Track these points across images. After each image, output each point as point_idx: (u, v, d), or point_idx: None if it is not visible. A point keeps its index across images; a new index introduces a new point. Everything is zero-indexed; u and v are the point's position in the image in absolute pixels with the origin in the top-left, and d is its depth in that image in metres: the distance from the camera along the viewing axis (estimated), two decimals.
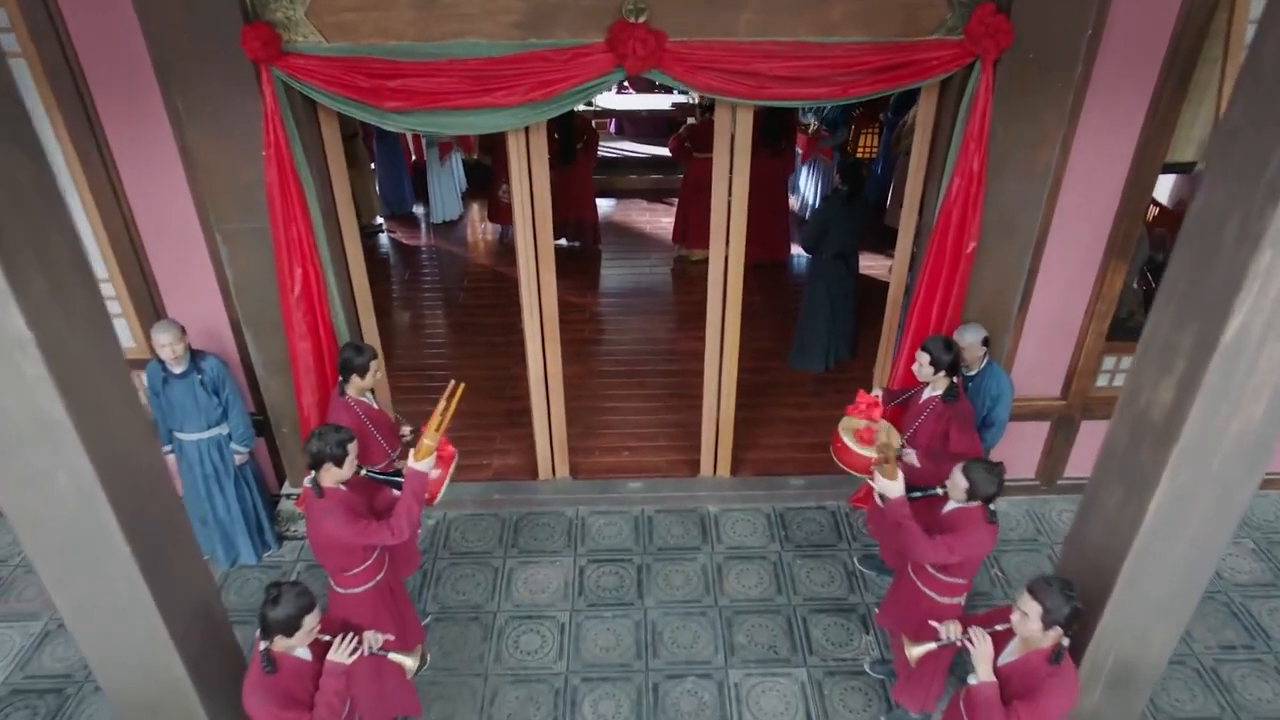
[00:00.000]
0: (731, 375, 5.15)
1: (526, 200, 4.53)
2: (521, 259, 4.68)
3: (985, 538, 3.46)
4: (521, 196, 4.52)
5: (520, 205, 4.54)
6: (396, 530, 3.41)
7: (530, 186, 4.49)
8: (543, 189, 4.51)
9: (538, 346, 4.99)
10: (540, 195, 4.53)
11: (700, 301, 7.58)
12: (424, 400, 6.46)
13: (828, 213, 6.09)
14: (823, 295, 6.38)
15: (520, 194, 4.51)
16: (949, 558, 3.45)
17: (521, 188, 4.49)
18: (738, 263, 4.80)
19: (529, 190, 4.50)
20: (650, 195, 9.55)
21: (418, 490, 3.46)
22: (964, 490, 3.42)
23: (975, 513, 3.47)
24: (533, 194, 4.52)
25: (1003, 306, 4.60)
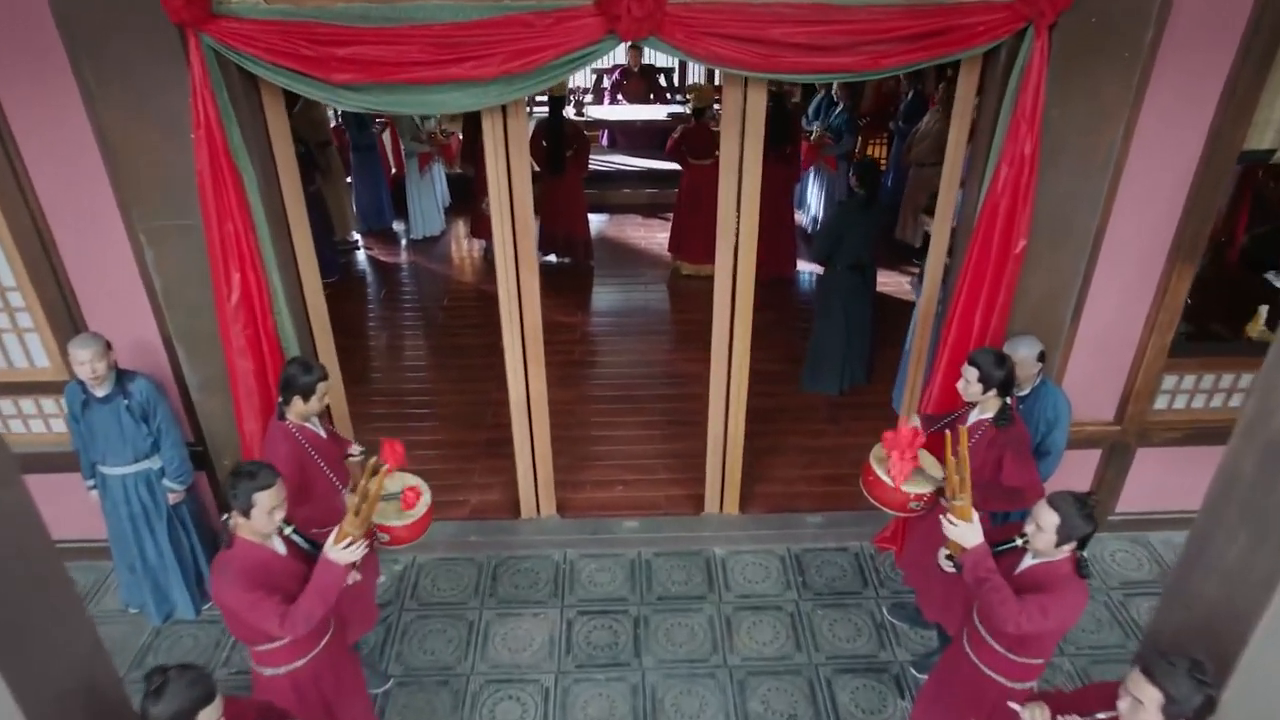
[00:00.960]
0: (740, 400, 4.53)
1: (505, 195, 3.93)
2: (500, 262, 4.08)
3: (1079, 600, 2.76)
4: (499, 192, 3.93)
5: (497, 201, 3.95)
6: (290, 625, 2.71)
7: (509, 180, 3.90)
8: (523, 181, 3.91)
9: (518, 365, 4.37)
10: (520, 189, 3.93)
11: (700, 320, 7.01)
12: (398, 429, 5.83)
13: (842, 219, 5.51)
14: (837, 311, 5.78)
15: (497, 189, 3.92)
16: (1043, 624, 2.72)
17: (499, 181, 3.90)
18: (748, 272, 4.20)
19: (507, 184, 3.90)
20: (645, 210, 9.00)
21: (325, 587, 2.74)
22: (1054, 531, 2.71)
23: (1064, 567, 2.78)
24: (511, 189, 3.92)
25: (1054, 317, 4.00)
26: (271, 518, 2.73)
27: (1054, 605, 2.73)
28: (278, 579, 2.79)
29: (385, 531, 3.41)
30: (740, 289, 4.24)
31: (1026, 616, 2.72)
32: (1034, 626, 2.72)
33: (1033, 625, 2.72)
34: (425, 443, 5.60)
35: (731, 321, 4.33)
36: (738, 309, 4.28)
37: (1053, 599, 2.73)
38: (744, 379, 4.46)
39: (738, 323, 4.31)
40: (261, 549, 2.79)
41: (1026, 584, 2.82)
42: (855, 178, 5.47)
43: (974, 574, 2.81)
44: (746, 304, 4.27)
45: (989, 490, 3.38)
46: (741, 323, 4.32)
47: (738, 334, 4.34)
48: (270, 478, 2.72)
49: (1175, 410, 4.48)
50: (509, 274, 4.09)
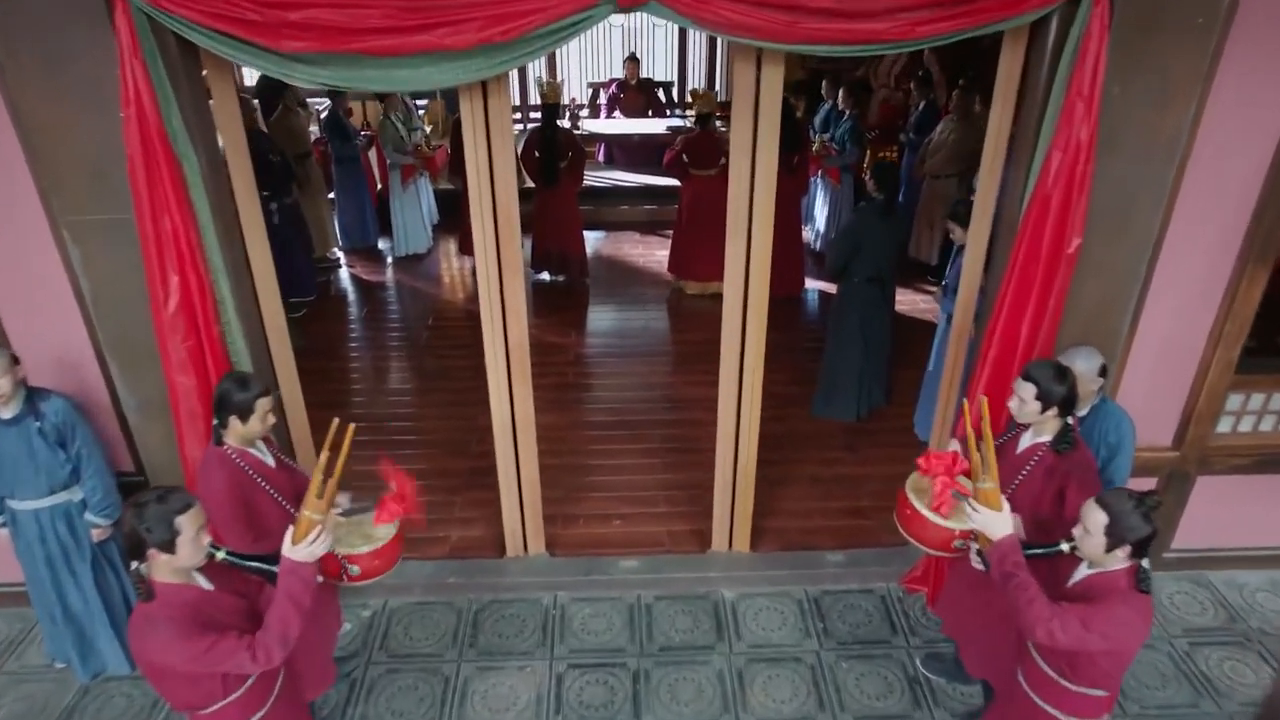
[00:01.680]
0: (752, 427, 4.05)
1: (485, 189, 3.47)
2: (481, 267, 3.60)
3: (1133, 617, 2.35)
4: (479, 185, 3.46)
5: (477, 196, 3.48)
6: (263, 652, 2.27)
7: (490, 171, 3.43)
8: (506, 173, 3.45)
9: (502, 385, 3.88)
10: (503, 182, 3.47)
11: (702, 341, 6.55)
12: (374, 457, 5.32)
13: (859, 227, 5.05)
14: (853, 329, 5.31)
15: (477, 181, 3.45)
16: (1084, 638, 2.33)
17: (479, 173, 3.43)
18: (761, 282, 3.74)
19: (488, 176, 3.44)
20: (644, 227, 8.57)
21: (295, 590, 2.32)
22: (1102, 532, 2.36)
23: (1119, 578, 2.40)
24: (494, 181, 3.46)
25: (1109, 326, 3.53)
26: (199, 544, 2.26)
27: (1099, 619, 2.32)
28: (217, 617, 2.32)
29: (353, 563, 2.91)
30: (753, 302, 3.77)
31: (1061, 624, 2.34)
32: (1073, 640, 2.32)
33: (1071, 638, 2.33)
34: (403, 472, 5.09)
35: (743, 340, 3.85)
36: (750, 326, 3.80)
37: (1098, 611, 2.33)
38: (756, 403, 3.97)
39: (750, 341, 3.84)
40: (187, 588, 2.31)
41: (1077, 596, 2.45)
42: (872, 181, 5.02)
43: (1000, 568, 2.48)
44: (760, 319, 3.79)
45: (1050, 529, 2.88)
46: (754, 341, 3.84)
47: (749, 353, 3.87)
48: (186, 496, 2.26)
49: (1241, 434, 3.99)
50: (490, 281, 3.61)
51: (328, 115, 7.46)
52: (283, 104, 6.92)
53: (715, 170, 6.76)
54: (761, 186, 3.54)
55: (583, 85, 9.86)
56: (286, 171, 6.55)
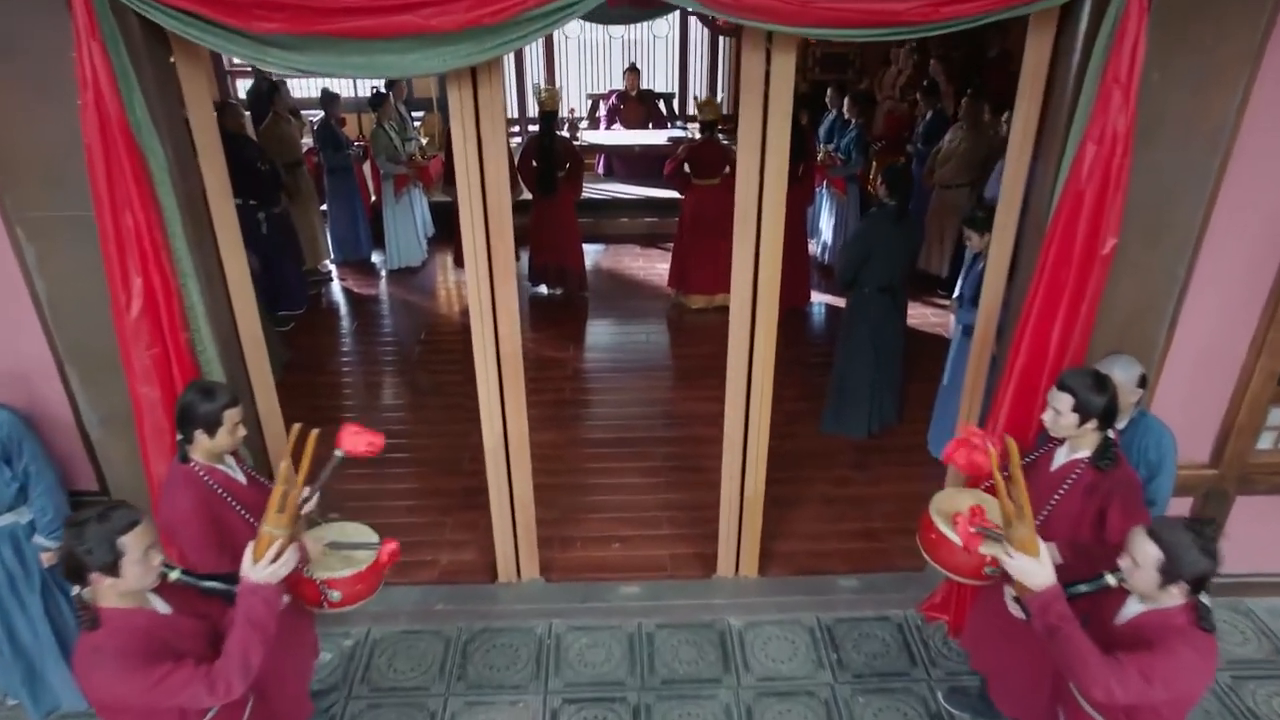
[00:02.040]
0: (761, 445, 3.81)
1: (475, 184, 3.23)
2: (470, 270, 3.36)
3: (1200, 662, 2.10)
4: (468, 180, 3.23)
5: (466, 189, 3.24)
6: (222, 683, 2.04)
7: (480, 165, 3.20)
8: (499, 168, 3.21)
9: (493, 399, 3.63)
10: (495, 178, 3.23)
11: (705, 355, 6.32)
12: (361, 475, 5.06)
13: (870, 234, 4.82)
14: (864, 341, 5.06)
15: (466, 175, 3.21)
16: (1147, 692, 2.08)
17: (468, 167, 3.20)
18: (770, 289, 3.50)
19: (478, 170, 3.21)
20: (644, 240, 8.36)
21: (257, 614, 2.10)
22: (1155, 568, 2.11)
23: (1176, 616, 2.15)
24: (484, 177, 3.23)
25: (1144, 334, 3.29)
26: (149, 564, 2.04)
27: (1161, 667, 2.07)
28: (174, 643, 2.09)
29: (334, 588, 2.67)
30: (762, 311, 3.53)
31: (1119, 680, 2.09)
32: (1134, 695, 2.07)
33: (1131, 693, 2.07)
34: (391, 492, 4.85)
35: (750, 352, 3.61)
36: (758, 336, 3.57)
37: (1157, 659, 2.08)
38: (765, 420, 3.73)
39: (758, 353, 3.60)
40: (137, 613, 2.08)
41: (1128, 637, 2.17)
42: (884, 186, 4.80)
43: (1043, 620, 2.22)
44: (769, 329, 3.55)
45: (1091, 555, 2.62)
46: (763, 353, 3.61)
47: (758, 366, 3.63)
48: (131, 513, 2.03)
49: None
50: (480, 285, 3.37)
51: (320, 124, 7.27)
52: (273, 111, 6.72)
53: (718, 180, 6.55)
54: (772, 185, 3.31)
55: (582, 97, 9.69)
56: (275, 180, 6.35)
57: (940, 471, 4.91)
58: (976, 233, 4.54)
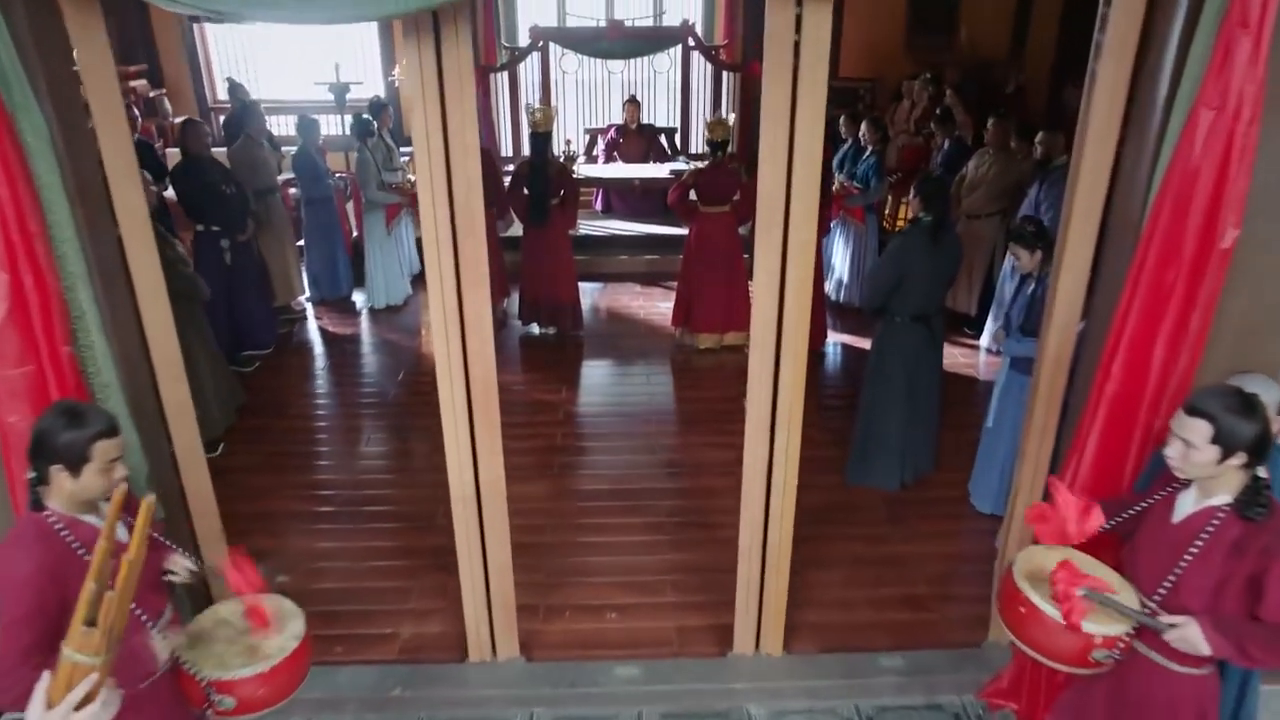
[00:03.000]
0: (787, 499, 3.15)
1: (437, 158, 2.63)
2: (432, 275, 2.75)
3: None
4: (429, 157, 2.63)
5: (427, 171, 2.65)
6: None
7: (445, 137, 2.60)
8: (467, 146, 2.63)
9: (462, 436, 2.99)
10: (463, 158, 2.64)
11: (713, 398, 5.68)
12: (322, 531, 4.39)
13: (904, 253, 4.23)
14: (895, 377, 4.43)
15: (427, 139, 2.61)
16: None
17: (428, 130, 2.59)
18: (799, 316, 2.89)
19: (442, 143, 2.61)
20: (645, 279, 7.79)
21: None
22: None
23: None
24: (449, 154, 2.63)
25: (1266, 350, 2.67)
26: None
27: None
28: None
29: (226, 692, 2.01)
30: (789, 341, 2.91)
31: None
32: None
33: None
34: (352, 551, 4.19)
35: (775, 389, 2.98)
36: (784, 371, 2.93)
37: None
38: (792, 470, 3.07)
39: (784, 391, 2.96)
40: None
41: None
42: (918, 199, 4.22)
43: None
44: (797, 363, 2.93)
45: (1252, 636, 1.96)
46: (789, 390, 2.97)
47: (784, 406, 2.99)
48: None
49: None
50: (445, 289, 2.76)
51: (298, 152, 6.77)
52: (245, 134, 6.22)
53: (728, 207, 6.01)
54: (802, 180, 2.72)
55: (579, 131, 9.25)
56: (242, 206, 5.81)
57: (989, 526, 4.27)
58: (1026, 250, 3.96)
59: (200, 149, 5.50)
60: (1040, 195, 5.69)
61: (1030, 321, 3.97)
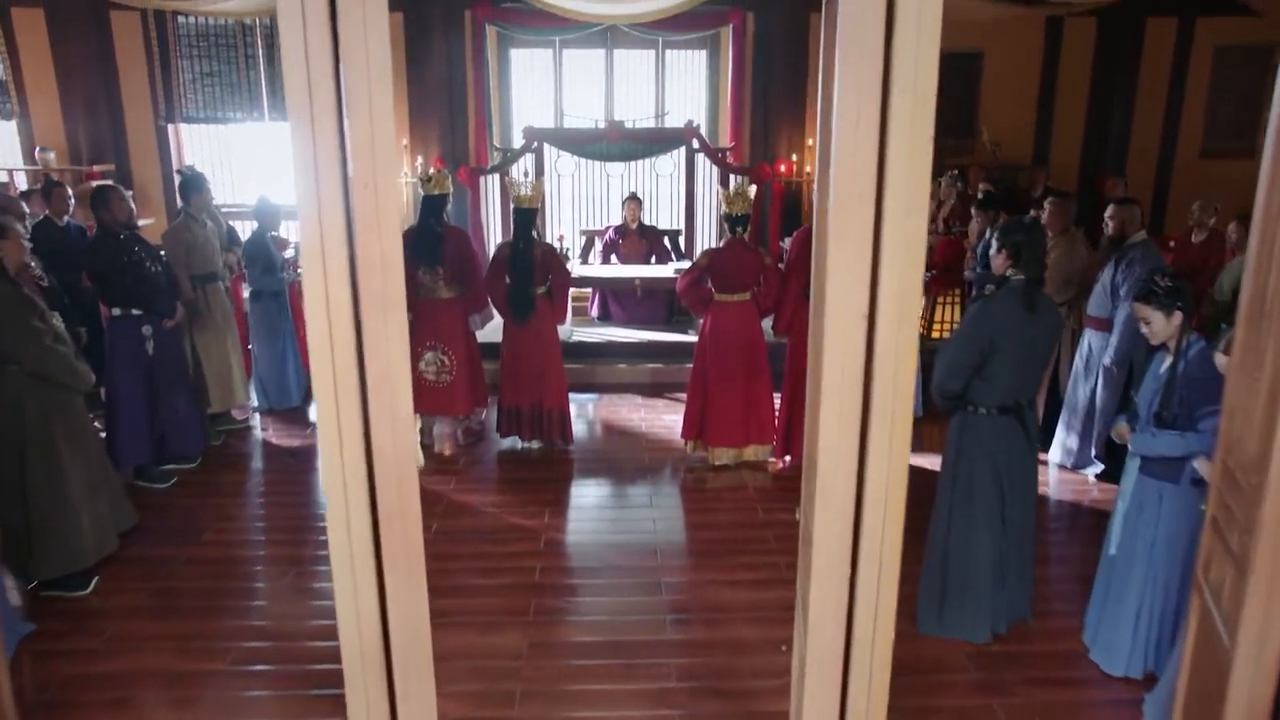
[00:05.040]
0: (878, 673, 2.00)
1: (333, 191, 1.67)
2: (310, 276, 1.73)
3: None
4: (315, 175, 1.67)
5: (308, 133, 1.68)
6: None
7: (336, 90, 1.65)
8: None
9: (359, 545, 1.88)
10: (375, 179, 1.68)
11: (732, 525, 4.53)
12: (217, 707, 3.17)
13: (990, 322, 3.23)
14: (981, 490, 3.35)
15: (313, 165, 1.66)
16: None
17: (309, 94, 1.65)
18: (905, 365, 1.86)
19: (337, 159, 1.65)
20: (648, 390, 6.79)
21: None
22: None
23: None
24: (348, 186, 1.67)
25: None
26: None
27: None
28: None
29: None
30: (884, 420, 1.87)
31: None
32: None
33: None
34: None
35: (859, 498, 1.92)
36: (875, 470, 1.88)
37: None
38: (886, 632, 1.96)
39: (875, 502, 1.90)
40: None
41: None
42: (1004, 253, 3.26)
43: None
44: (898, 455, 1.88)
45: None
46: (885, 504, 1.91)
47: (873, 526, 1.92)
48: None
49: None
50: (334, 306, 1.73)
51: (252, 237, 5.94)
52: (184, 211, 5.39)
53: (749, 295, 5.10)
54: (901, 197, 1.74)
55: (575, 233, 8.52)
56: (170, 287, 4.90)
57: (1125, 694, 3.10)
58: (1160, 311, 2.98)
59: (115, 220, 4.64)
60: (1117, 278, 4.81)
61: (1171, 408, 2.94)
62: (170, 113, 8.62)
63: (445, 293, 5.33)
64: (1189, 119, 8.96)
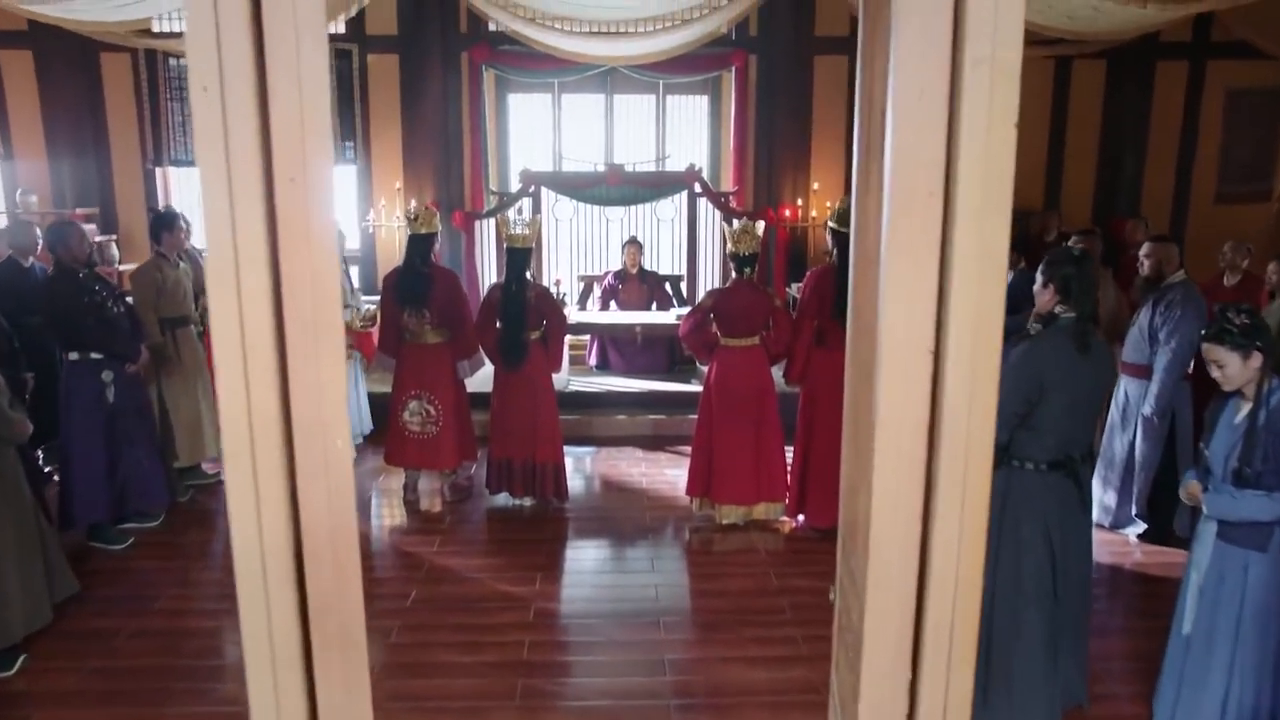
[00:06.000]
0: None
1: (251, 195, 1.32)
2: (215, 279, 1.35)
3: None
4: (228, 180, 1.32)
5: (221, 216, 1.33)
6: None
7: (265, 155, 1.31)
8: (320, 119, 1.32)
9: (285, 675, 1.48)
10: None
11: (742, 593, 4.07)
12: None
13: (1039, 365, 2.84)
14: (1030, 556, 2.94)
15: (224, 172, 1.31)
16: None
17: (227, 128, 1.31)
18: (986, 401, 1.48)
19: (259, 164, 1.30)
20: (648, 442, 6.39)
21: None
22: None
23: None
24: (272, 184, 1.32)
25: None
26: None
27: None
28: None
29: None
30: (947, 487, 1.49)
31: None
32: None
33: None
34: None
35: (920, 612, 1.53)
36: (936, 571, 1.51)
37: None
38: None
39: (935, 612, 1.51)
40: None
41: None
42: (1052, 287, 2.90)
43: None
44: (974, 547, 1.51)
45: None
46: (955, 610, 1.51)
47: (938, 636, 1.52)
48: None
49: None
50: (246, 319, 1.35)
51: None
52: (155, 250, 5.05)
53: (757, 339, 4.74)
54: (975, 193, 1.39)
55: (573, 279, 8.21)
56: (133, 329, 4.54)
57: None
58: (1237, 353, 2.61)
59: (74, 258, 4.31)
60: (1155, 320, 4.47)
61: (1253, 464, 2.56)
62: (158, 155, 8.40)
63: (432, 337, 4.99)
64: (1202, 163, 8.75)
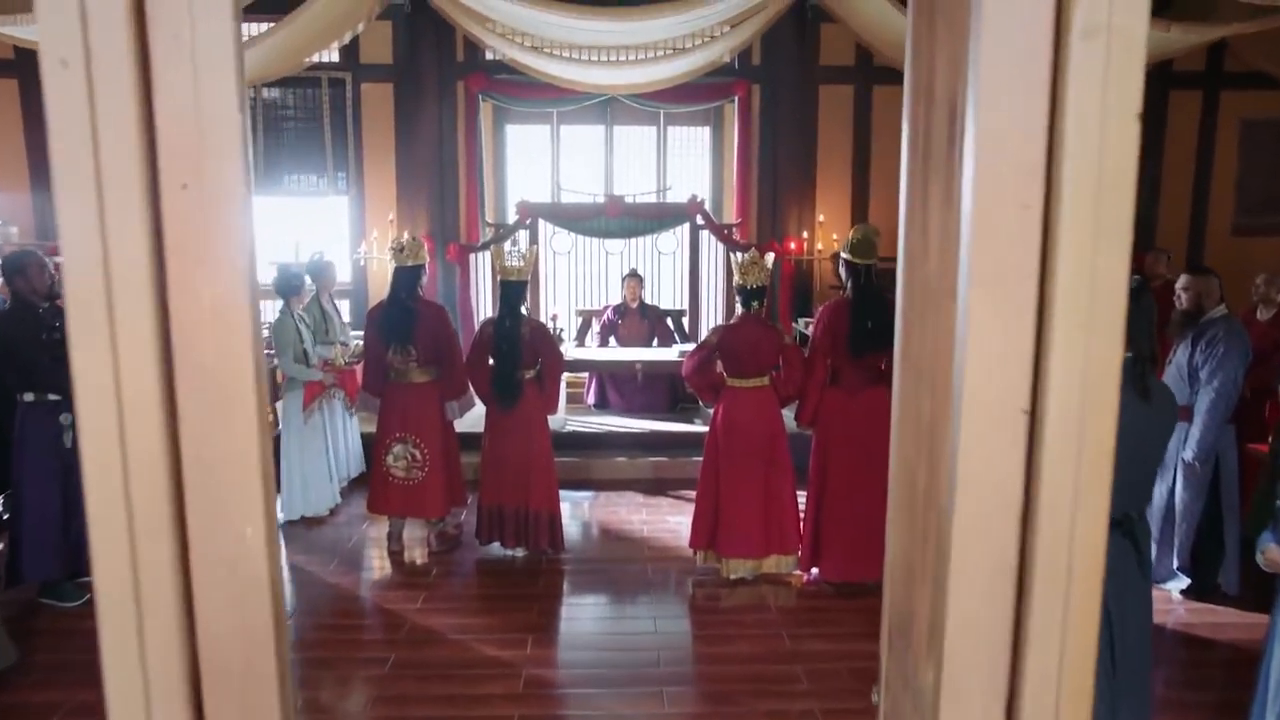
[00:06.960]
0: None
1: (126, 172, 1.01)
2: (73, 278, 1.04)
3: None
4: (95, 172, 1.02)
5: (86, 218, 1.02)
6: None
7: (149, 161, 1.01)
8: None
9: None
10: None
11: (752, 657, 3.61)
12: None
13: None
14: None
15: (91, 170, 1.01)
16: None
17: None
18: (1101, 457, 1.15)
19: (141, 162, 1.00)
20: (649, 487, 6.05)
21: None
22: None
23: None
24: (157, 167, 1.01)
25: None
26: None
27: None
28: None
29: None
30: (1045, 577, 1.14)
31: None
32: None
33: None
34: None
35: (1016, 644, 1.18)
36: (1030, 686, 1.14)
37: None
38: None
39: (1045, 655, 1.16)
40: None
41: None
42: None
43: None
44: (1085, 652, 1.14)
45: None
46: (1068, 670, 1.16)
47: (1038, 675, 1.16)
48: None
49: None
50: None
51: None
52: None
53: (766, 379, 4.43)
54: (1087, 207, 1.08)
55: (570, 314, 7.92)
56: None
57: None
58: None
59: (33, 291, 4.01)
60: (1196, 359, 4.16)
61: None
62: None
63: (418, 376, 4.69)
64: (1218, 195, 8.52)
